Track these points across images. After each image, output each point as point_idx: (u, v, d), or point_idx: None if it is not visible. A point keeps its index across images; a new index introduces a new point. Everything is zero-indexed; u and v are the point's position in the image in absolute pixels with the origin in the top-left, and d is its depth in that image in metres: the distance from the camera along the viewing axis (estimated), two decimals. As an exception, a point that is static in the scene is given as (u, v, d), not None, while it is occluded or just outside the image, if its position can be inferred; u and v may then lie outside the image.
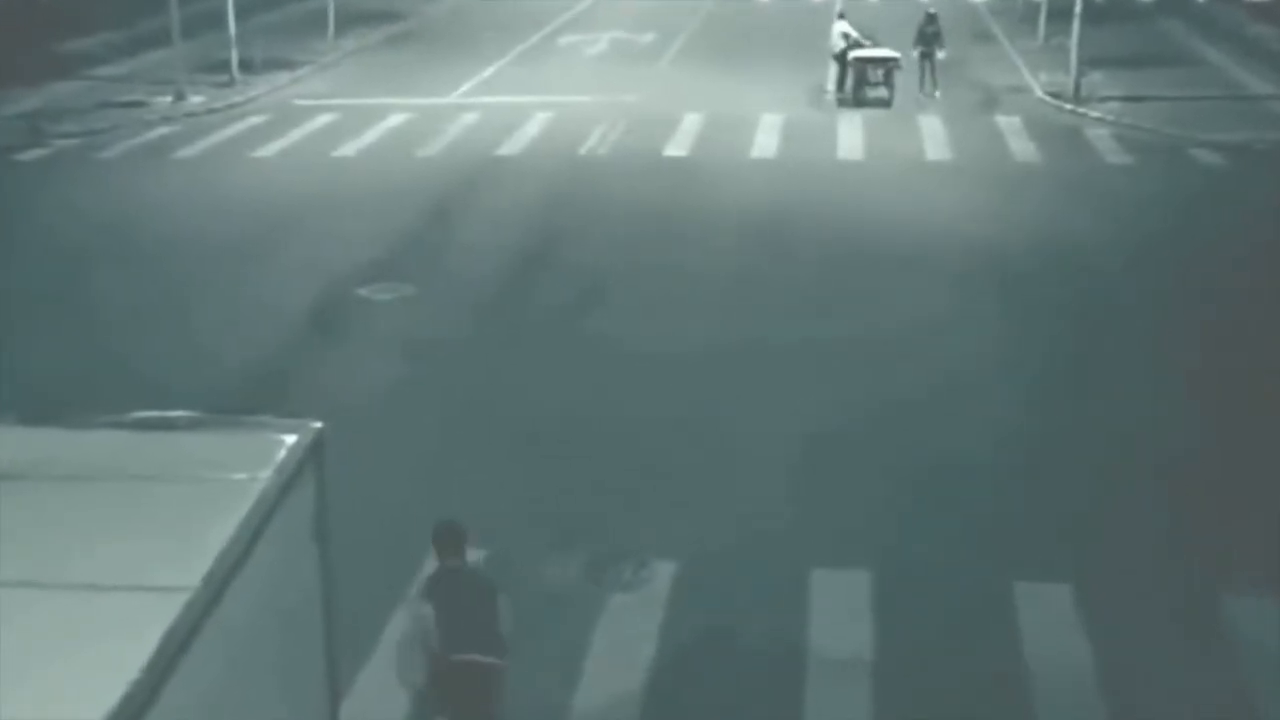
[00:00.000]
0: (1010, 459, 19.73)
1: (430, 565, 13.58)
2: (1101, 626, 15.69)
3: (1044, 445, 20.16)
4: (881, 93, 42.74)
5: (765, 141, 38.46)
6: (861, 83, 42.99)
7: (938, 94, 42.66)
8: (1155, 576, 16.71)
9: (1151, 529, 17.79)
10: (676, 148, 37.85)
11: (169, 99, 43.64)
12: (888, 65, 42.75)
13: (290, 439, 10.97)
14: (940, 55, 43.08)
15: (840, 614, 16.01)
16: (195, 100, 43.80)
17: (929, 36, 43.05)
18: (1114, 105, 41.58)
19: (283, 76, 47.92)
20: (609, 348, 23.64)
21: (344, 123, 41.10)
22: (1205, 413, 21.10)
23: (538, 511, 18.25)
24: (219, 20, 46.33)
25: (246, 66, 46.77)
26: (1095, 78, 44.02)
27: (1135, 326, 24.55)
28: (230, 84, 45.64)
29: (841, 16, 43.94)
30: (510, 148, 38.03)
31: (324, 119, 41.75)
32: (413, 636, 13.08)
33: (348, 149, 38.06)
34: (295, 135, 39.76)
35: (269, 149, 38.22)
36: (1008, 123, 40.20)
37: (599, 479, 19.13)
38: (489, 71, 49.85)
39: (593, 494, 18.72)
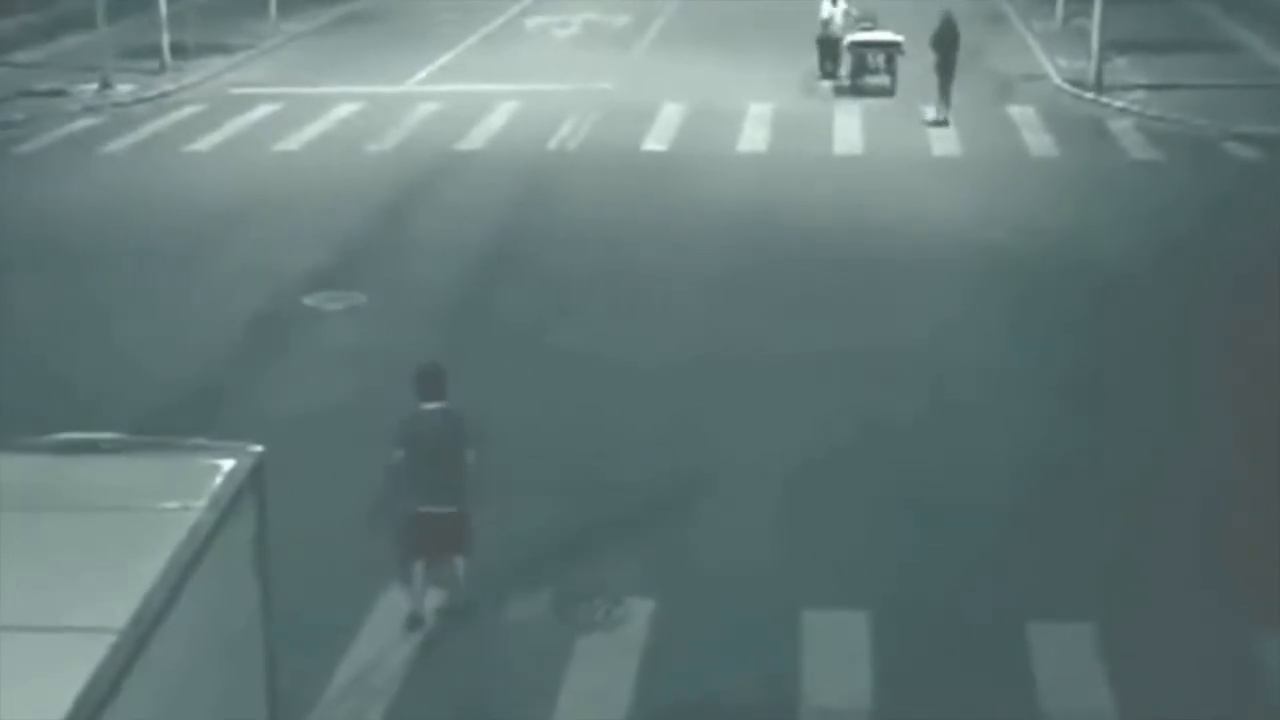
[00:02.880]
0: (1024, 485, 19.80)
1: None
2: (1125, 670, 15.71)
3: (1062, 470, 20.23)
4: (882, 80, 42.87)
5: (753, 134, 38.58)
6: (861, 69, 43.11)
7: (949, 115, 39.13)
8: (1184, 615, 16.73)
9: (1180, 562, 17.84)
10: (655, 141, 37.96)
11: (93, 87, 43.64)
12: (889, 50, 42.87)
13: (227, 464, 11.00)
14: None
15: (835, 658, 16.03)
16: (123, 89, 43.81)
17: (946, 42, 39.32)
18: (1139, 94, 41.77)
19: (219, 62, 47.95)
20: (579, 362, 23.68)
21: (287, 114, 41.12)
22: (1239, 434, 21.15)
23: (500, 544, 18.27)
24: (148, 0, 46.33)
25: (179, 51, 46.76)
26: (1119, 63, 44.21)
27: (1162, 339, 24.64)
28: (161, 71, 45.65)
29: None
30: (472, 142, 38.10)
31: (265, 110, 41.77)
32: (389, 480, 16.02)
33: (291, 143, 38.09)
34: (233, 127, 39.77)
35: (204, 142, 38.22)
36: (1022, 114, 40.37)
37: (568, 508, 19.15)
38: (448, 57, 49.92)
39: (560, 525, 18.74)
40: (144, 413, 21.14)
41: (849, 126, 39.28)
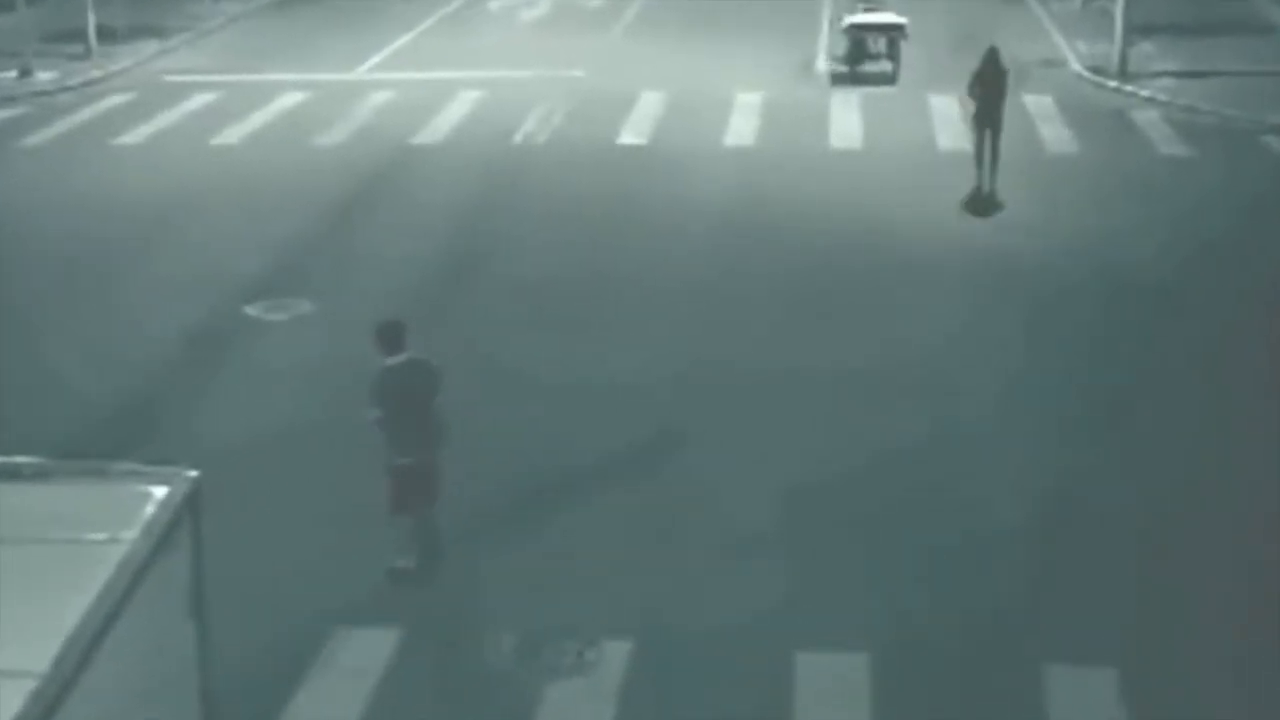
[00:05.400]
0: (1039, 517, 19.82)
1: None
2: (1152, 718, 15.79)
3: (1081, 499, 20.25)
4: (884, 66, 42.93)
5: (741, 126, 38.63)
6: (860, 54, 43.13)
7: (996, 186, 32.76)
8: (1215, 658, 16.79)
9: (1211, 600, 17.88)
10: (633, 134, 38.00)
11: (12, 75, 43.61)
12: (891, 33, 42.92)
13: (160, 491, 11.00)
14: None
15: (832, 706, 16.05)
16: (45, 76, 43.80)
17: (991, 87, 32.91)
18: (1168, 82, 41.85)
19: (151, 47, 47.92)
20: (548, 378, 23.67)
21: (226, 103, 41.11)
22: (1276, 460, 21.24)
23: (460, 580, 18.29)
24: (73, -22, 46.42)
25: (107, 35, 46.71)
26: (1145, 48, 44.31)
27: (1192, 354, 24.70)
28: (87, 56, 45.59)
29: None
30: (429, 135, 38.12)
31: (201, 99, 41.76)
32: (377, 433, 17.73)
33: (231, 136, 38.09)
34: (167, 119, 39.76)
35: (135, 135, 38.21)
36: (1038, 104, 40.43)
37: (534, 541, 19.17)
38: (404, 40, 49.94)
39: (527, 559, 18.75)
40: (69, 434, 21.14)
41: (847, 118, 39.33)
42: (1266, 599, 17.84)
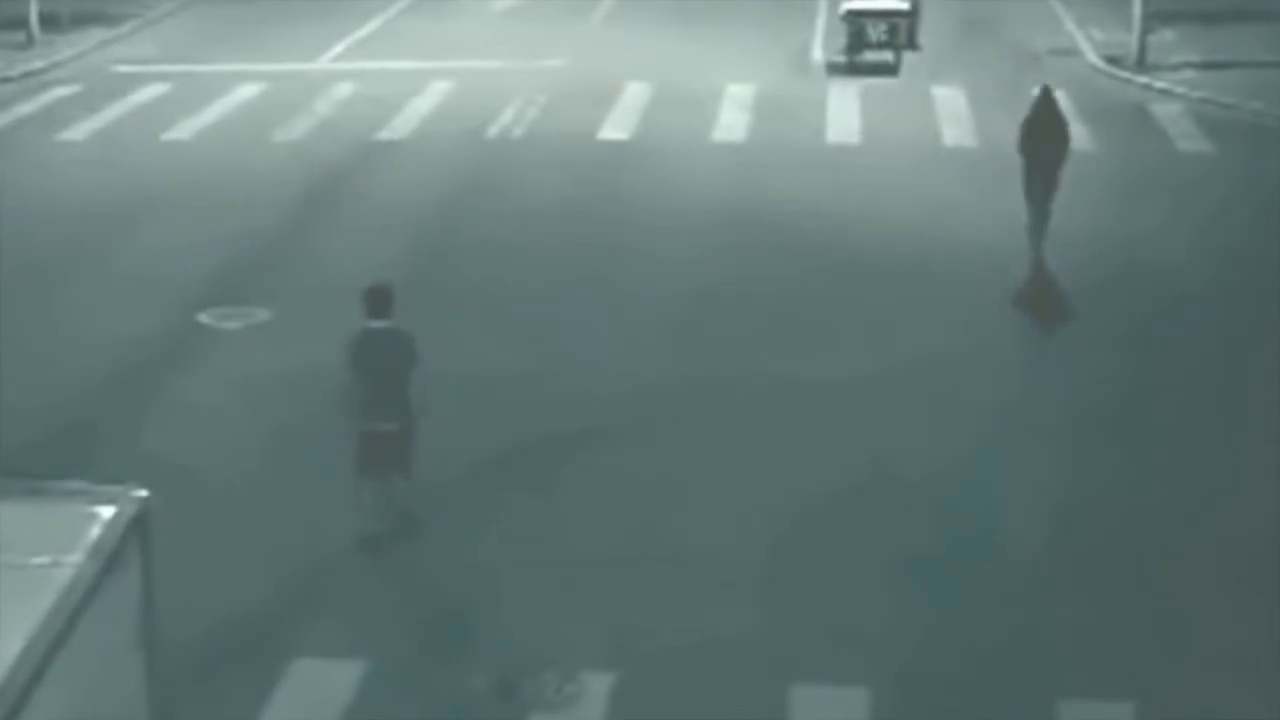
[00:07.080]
0: (1052, 542, 19.79)
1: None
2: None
3: (1096, 522, 20.24)
4: (884, 56, 42.91)
5: (732, 120, 38.65)
6: (859, 43, 43.10)
7: (1044, 251, 27.23)
8: (1240, 693, 16.79)
9: (1236, 631, 17.86)
10: (615, 128, 38.01)
11: (-53, 64, 43.66)
12: (892, 20, 42.90)
13: (107, 512, 10.97)
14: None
15: (829, 740, 16.09)
16: (-18, 66, 43.83)
17: (1045, 139, 27.02)
18: (1189, 74, 41.89)
19: (98, 34, 47.85)
20: (525, 387, 23.66)
21: (178, 96, 41.07)
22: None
23: (427, 609, 18.26)
24: (12, -39, 46.41)
25: (50, 22, 46.69)
26: (1165, 37, 44.32)
27: (1213, 364, 24.72)
28: (29, 45, 45.55)
29: None
30: (396, 129, 38.11)
31: (152, 91, 41.72)
32: (344, 401, 18.89)
33: (183, 130, 38.05)
34: (114, 112, 39.72)
35: (80, 130, 38.17)
36: (1050, 97, 40.46)
37: (510, 567, 19.14)
38: (369, 28, 49.92)
39: (502, 587, 18.73)
40: (7, 450, 21.08)
41: (845, 111, 39.35)
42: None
